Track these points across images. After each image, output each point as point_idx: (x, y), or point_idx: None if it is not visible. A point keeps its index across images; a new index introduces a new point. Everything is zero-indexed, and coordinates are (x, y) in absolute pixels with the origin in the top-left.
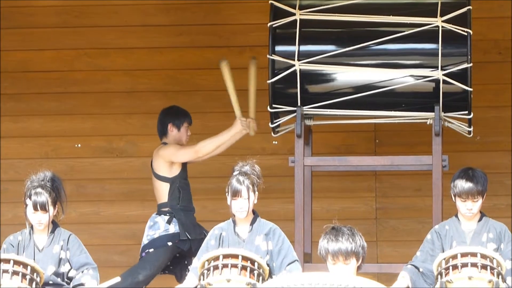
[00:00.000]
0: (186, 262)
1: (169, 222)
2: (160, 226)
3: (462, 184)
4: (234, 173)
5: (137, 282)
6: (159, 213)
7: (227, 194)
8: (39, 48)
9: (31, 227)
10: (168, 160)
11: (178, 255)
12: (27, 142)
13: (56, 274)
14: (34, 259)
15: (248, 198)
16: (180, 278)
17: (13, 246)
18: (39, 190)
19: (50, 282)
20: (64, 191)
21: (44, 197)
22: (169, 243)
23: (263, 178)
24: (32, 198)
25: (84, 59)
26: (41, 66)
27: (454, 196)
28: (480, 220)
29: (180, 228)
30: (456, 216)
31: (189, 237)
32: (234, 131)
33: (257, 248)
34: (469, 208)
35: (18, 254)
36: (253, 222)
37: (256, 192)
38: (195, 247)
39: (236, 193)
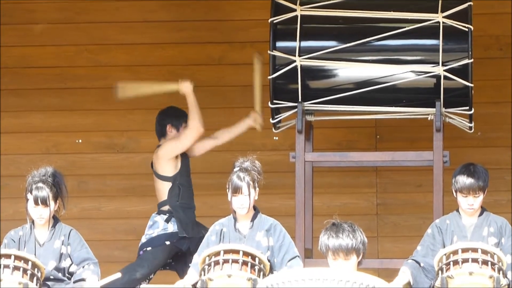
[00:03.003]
0: (187, 260)
1: (167, 221)
2: (159, 225)
3: (464, 180)
4: (235, 169)
5: (133, 280)
6: (159, 212)
7: (227, 190)
8: (39, 44)
9: (32, 222)
10: (173, 155)
11: (179, 253)
12: (27, 138)
13: (57, 269)
14: (35, 254)
15: (249, 195)
16: (182, 275)
17: (14, 241)
18: (40, 185)
19: (51, 277)
20: (66, 187)
21: (45, 191)
22: (167, 242)
23: (264, 174)
24: (33, 193)
25: (85, 54)
26: (42, 62)
27: (455, 191)
28: (481, 214)
29: (178, 225)
30: (457, 210)
31: (187, 235)
32: (248, 123)
33: (258, 244)
34: (470, 203)
35: (19, 249)
36: (254, 218)
37: (257, 188)
38: (194, 246)
39: (236, 190)
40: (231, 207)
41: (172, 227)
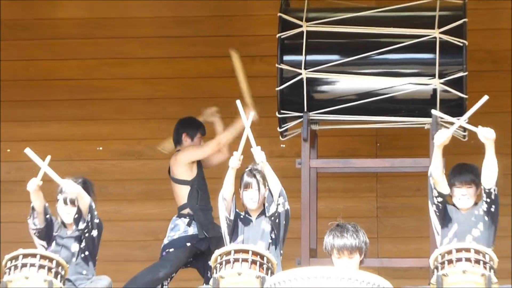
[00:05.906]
0: (206, 257)
1: (189, 224)
2: (180, 228)
3: (457, 172)
4: (247, 169)
5: (157, 279)
6: (179, 215)
7: (240, 188)
8: (63, 58)
9: (62, 223)
10: (191, 160)
11: (199, 252)
12: (52, 145)
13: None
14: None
15: (259, 190)
16: (203, 273)
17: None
18: None
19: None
20: (94, 193)
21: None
22: (188, 244)
23: None
24: (63, 193)
25: (105, 68)
26: (65, 74)
27: (451, 186)
28: (475, 205)
29: (198, 227)
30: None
31: (207, 235)
32: (242, 123)
33: (262, 232)
34: (463, 194)
35: (54, 227)
36: (261, 213)
37: (267, 187)
38: (213, 245)
39: (247, 185)
40: (243, 202)
41: (192, 230)
